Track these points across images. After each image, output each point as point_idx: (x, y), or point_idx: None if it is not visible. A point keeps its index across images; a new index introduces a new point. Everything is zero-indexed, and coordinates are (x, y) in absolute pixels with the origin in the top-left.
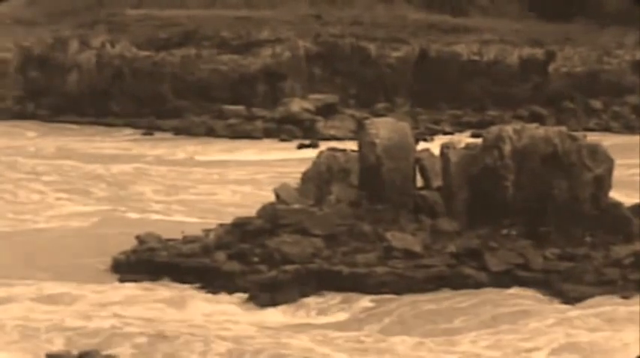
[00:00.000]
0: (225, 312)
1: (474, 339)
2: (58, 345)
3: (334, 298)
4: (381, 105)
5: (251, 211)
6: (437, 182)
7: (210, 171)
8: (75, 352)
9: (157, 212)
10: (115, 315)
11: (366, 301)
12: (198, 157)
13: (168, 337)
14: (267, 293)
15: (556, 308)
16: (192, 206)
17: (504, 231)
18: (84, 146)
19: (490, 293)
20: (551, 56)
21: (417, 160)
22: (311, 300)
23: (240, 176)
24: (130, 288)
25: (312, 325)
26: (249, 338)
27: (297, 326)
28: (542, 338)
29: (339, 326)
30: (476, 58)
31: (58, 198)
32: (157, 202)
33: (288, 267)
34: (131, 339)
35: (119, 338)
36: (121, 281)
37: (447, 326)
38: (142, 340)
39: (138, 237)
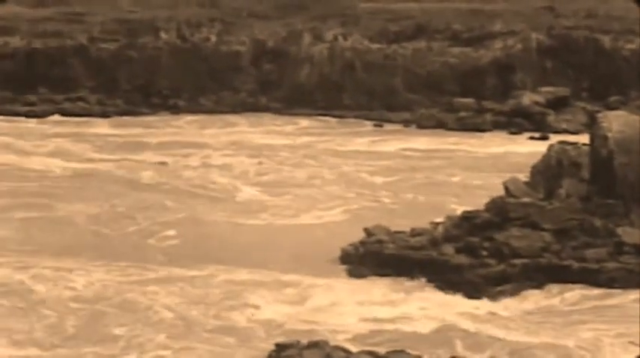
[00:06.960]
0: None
1: None
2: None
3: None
4: (614, 99)
5: (479, 204)
6: None
7: (435, 163)
8: (304, 342)
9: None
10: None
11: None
12: (423, 147)
13: None
14: (494, 287)
15: None
16: (416, 199)
17: None
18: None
19: None
20: None
21: None
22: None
23: (468, 168)
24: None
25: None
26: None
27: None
28: None
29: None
30: None
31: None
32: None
33: (517, 261)
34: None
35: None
36: (350, 274)
37: None
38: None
39: (366, 229)
